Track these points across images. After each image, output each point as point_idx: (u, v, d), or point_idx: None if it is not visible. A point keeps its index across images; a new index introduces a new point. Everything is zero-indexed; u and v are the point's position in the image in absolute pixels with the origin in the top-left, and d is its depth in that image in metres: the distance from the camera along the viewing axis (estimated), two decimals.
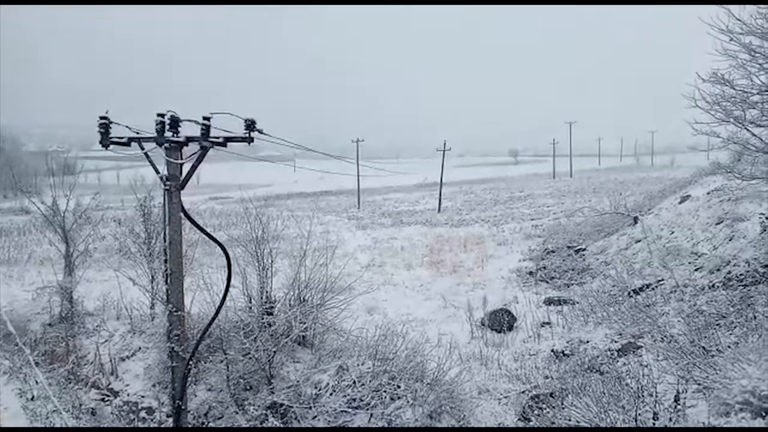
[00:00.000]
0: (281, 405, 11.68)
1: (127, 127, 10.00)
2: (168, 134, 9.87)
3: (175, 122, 9.83)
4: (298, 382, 12.11)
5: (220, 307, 10.84)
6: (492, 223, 42.92)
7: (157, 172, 10.08)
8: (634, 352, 13.68)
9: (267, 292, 13.22)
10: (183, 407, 10.58)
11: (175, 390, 10.54)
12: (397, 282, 26.01)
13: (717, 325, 12.81)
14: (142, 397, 13.08)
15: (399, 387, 11.83)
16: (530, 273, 26.16)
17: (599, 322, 17.08)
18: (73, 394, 12.69)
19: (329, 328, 13.91)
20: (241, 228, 15.73)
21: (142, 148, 10.07)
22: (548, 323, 18.79)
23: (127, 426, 12.20)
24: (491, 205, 55.55)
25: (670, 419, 8.36)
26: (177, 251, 10.30)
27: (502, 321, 18.99)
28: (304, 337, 13.42)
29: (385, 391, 11.63)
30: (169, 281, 10.37)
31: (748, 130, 14.70)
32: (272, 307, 13.01)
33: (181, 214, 10.23)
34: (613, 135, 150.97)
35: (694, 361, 10.59)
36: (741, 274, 15.80)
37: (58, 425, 11.35)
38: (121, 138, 9.98)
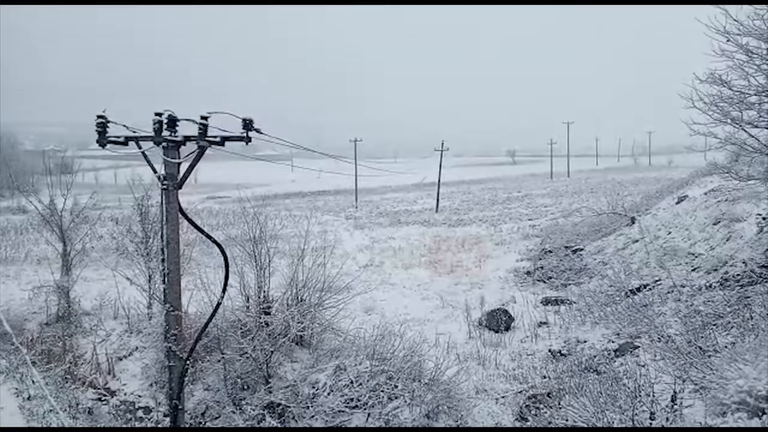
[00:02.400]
0: (279, 405, 11.67)
1: (124, 126, 9.98)
2: (165, 133, 9.85)
3: (172, 121, 9.80)
4: (295, 381, 12.10)
5: (217, 306, 10.83)
6: (490, 223, 42.97)
7: (155, 171, 10.06)
8: (631, 352, 13.71)
9: (264, 291, 13.21)
10: (180, 407, 10.56)
11: (172, 389, 10.52)
12: (394, 282, 26.03)
13: (714, 325, 12.83)
14: (139, 396, 13.06)
15: (396, 387, 11.82)
16: (528, 273, 26.20)
17: (596, 322, 17.12)
18: (70, 394, 12.66)
19: (327, 328, 13.91)
20: (239, 227, 15.71)
21: (140, 147, 10.04)
22: (545, 323, 18.81)
23: (124, 426, 12.18)
24: (489, 205, 55.59)
25: (667, 419, 8.38)
26: (174, 250, 10.28)
27: (499, 321, 19.00)
28: (301, 336, 13.42)
29: (382, 391, 11.63)
30: (166, 281, 10.36)
31: (745, 130, 14.73)
32: (270, 306, 13.01)
33: (179, 214, 10.22)
34: (612, 135, 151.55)
35: (691, 361, 10.61)
36: (738, 275, 15.84)
37: (54, 425, 11.32)
38: (119, 137, 9.94)
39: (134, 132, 10.05)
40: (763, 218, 17.96)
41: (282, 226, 34.00)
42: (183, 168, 10.13)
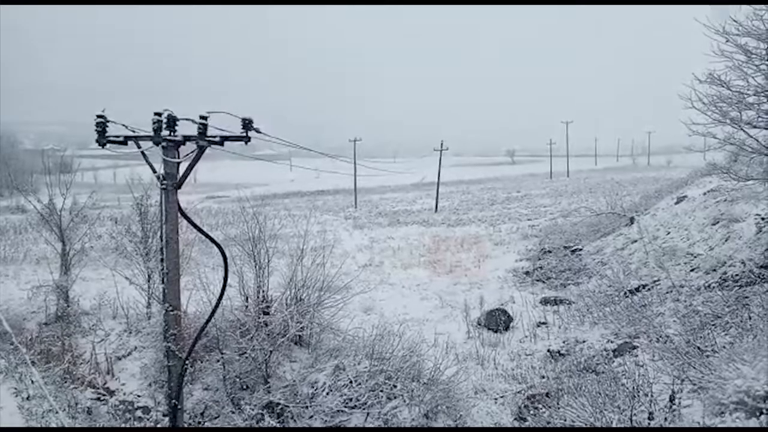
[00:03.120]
0: (278, 404, 11.68)
1: (123, 125, 9.98)
2: (165, 133, 9.84)
3: (172, 121, 9.80)
4: (294, 381, 12.11)
5: (216, 306, 10.83)
6: (489, 223, 42.97)
7: (154, 171, 10.06)
8: (629, 352, 13.73)
9: (264, 291, 13.22)
10: (179, 407, 10.56)
11: (171, 389, 10.52)
12: (394, 281, 26.04)
13: (712, 325, 12.86)
14: (138, 396, 13.06)
15: (395, 386, 11.84)
16: (527, 273, 26.21)
17: (595, 322, 17.14)
18: (69, 394, 12.67)
19: (326, 328, 13.92)
20: (238, 227, 15.71)
21: (139, 147, 10.04)
22: (544, 323, 18.83)
23: (123, 425, 12.18)
24: (488, 205, 55.58)
25: (666, 419, 8.40)
26: (174, 250, 10.28)
27: (498, 321, 19.01)
28: (300, 336, 13.43)
29: (381, 391, 11.64)
30: (165, 280, 10.36)
31: (744, 131, 14.75)
32: (269, 306, 13.01)
33: (178, 213, 10.22)
34: (612, 136, 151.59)
35: (689, 361, 10.63)
36: (736, 275, 15.87)
37: (53, 425, 11.33)
38: (118, 137, 9.93)
39: (134, 131, 10.04)
40: (762, 218, 17.98)
41: (281, 225, 33.92)
42: (182, 168, 10.13)
